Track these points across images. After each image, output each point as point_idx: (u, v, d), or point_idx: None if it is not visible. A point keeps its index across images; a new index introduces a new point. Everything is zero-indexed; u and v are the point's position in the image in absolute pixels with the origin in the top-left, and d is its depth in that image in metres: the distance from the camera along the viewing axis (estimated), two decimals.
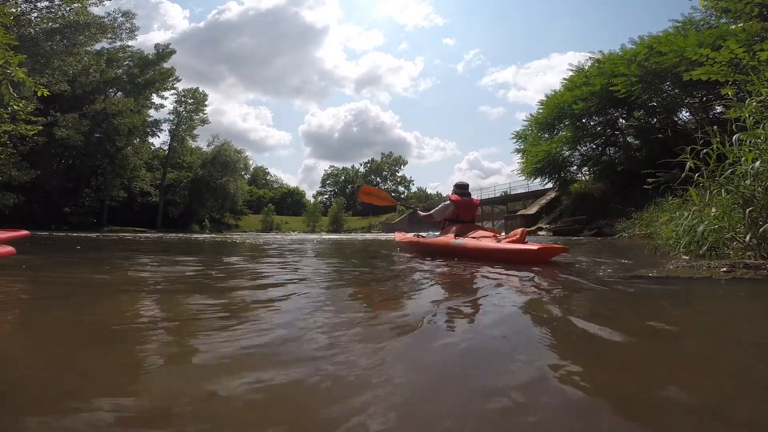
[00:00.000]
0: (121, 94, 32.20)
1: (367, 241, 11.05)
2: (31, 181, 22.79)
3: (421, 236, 4.89)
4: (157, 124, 36.02)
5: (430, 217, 4.71)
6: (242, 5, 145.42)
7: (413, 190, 69.48)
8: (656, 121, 17.34)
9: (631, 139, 19.17)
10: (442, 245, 4.03)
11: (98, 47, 28.32)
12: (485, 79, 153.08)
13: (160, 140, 38.79)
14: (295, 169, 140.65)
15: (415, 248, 4.77)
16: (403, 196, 64.77)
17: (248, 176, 55.32)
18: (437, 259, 3.75)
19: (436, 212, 4.63)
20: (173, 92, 36.91)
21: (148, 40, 56.66)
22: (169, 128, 38.25)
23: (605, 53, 17.68)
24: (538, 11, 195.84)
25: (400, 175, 72.20)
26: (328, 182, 75.40)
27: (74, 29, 22.75)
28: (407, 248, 5.09)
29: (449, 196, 4.58)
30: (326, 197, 71.56)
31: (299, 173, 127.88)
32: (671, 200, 5.36)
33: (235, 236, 17.09)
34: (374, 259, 4.41)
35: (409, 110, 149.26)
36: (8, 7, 8.66)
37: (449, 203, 4.50)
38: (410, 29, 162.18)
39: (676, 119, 17.02)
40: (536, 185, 24.19)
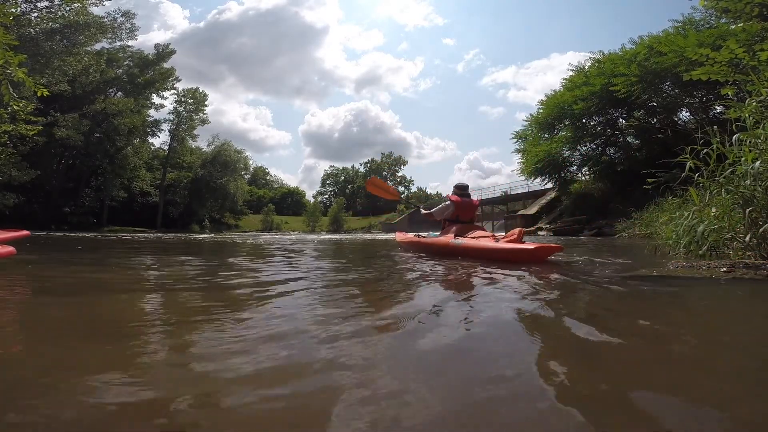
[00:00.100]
0: (121, 94, 32.22)
1: (367, 241, 11.05)
2: (31, 181, 22.80)
3: (421, 236, 5.00)
4: (157, 124, 36.10)
5: (430, 215, 4.82)
6: (242, 5, 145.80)
7: (413, 190, 69.63)
8: (656, 121, 17.35)
9: (631, 139, 19.17)
10: (442, 245, 4.13)
11: (98, 47, 28.39)
12: (485, 79, 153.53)
13: (160, 140, 38.94)
14: (295, 169, 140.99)
15: (415, 248, 4.87)
16: (403, 196, 64.75)
17: (248, 176, 55.38)
18: (437, 258, 3.82)
19: (436, 211, 4.74)
20: (173, 92, 37.06)
21: (148, 40, 56.81)
22: (169, 128, 38.35)
23: (605, 53, 17.71)
24: (538, 11, 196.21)
25: (400, 175, 72.42)
26: (328, 182, 75.51)
27: (74, 29, 22.77)
28: (408, 248, 5.19)
29: (449, 196, 4.66)
30: (326, 197, 71.70)
31: (299, 173, 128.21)
32: (671, 200, 5.35)
33: (234, 236, 17.10)
34: (375, 258, 4.41)
35: (409, 110, 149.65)
36: (8, 7, 8.66)
37: (449, 203, 4.58)
38: (410, 29, 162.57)
39: (676, 119, 17.03)
40: (536, 185, 24.24)
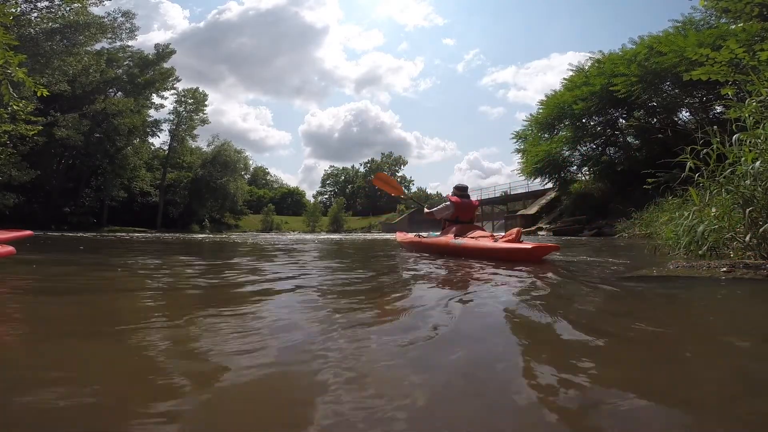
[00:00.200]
0: (121, 94, 32.20)
1: (367, 241, 11.05)
2: (31, 181, 22.78)
3: (421, 236, 5.08)
4: (157, 124, 36.05)
5: (431, 214, 4.95)
6: (242, 5, 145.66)
7: (413, 190, 69.54)
8: (656, 121, 17.35)
9: (631, 139, 19.18)
10: (442, 245, 4.21)
11: (98, 47, 28.34)
12: (485, 79, 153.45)
13: (160, 140, 38.88)
14: (295, 169, 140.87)
15: (416, 248, 4.95)
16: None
17: (248, 176, 55.35)
18: (438, 257, 3.88)
19: (437, 211, 4.87)
20: (173, 92, 36.98)
21: (148, 40, 56.76)
22: (169, 128, 38.31)
23: (605, 53, 17.72)
24: (538, 11, 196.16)
25: (400, 175, 72.31)
26: (328, 182, 75.50)
27: (74, 29, 22.75)
28: (409, 248, 5.25)
29: (449, 197, 4.74)
30: (326, 197, 71.66)
31: (299, 173, 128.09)
32: (671, 200, 5.35)
33: (233, 236, 17.07)
34: (375, 258, 4.42)
35: (409, 110, 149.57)
36: (8, 7, 8.66)
37: (449, 204, 4.67)
38: (410, 29, 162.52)
39: (676, 119, 17.04)
40: (536, 185, 24.25)
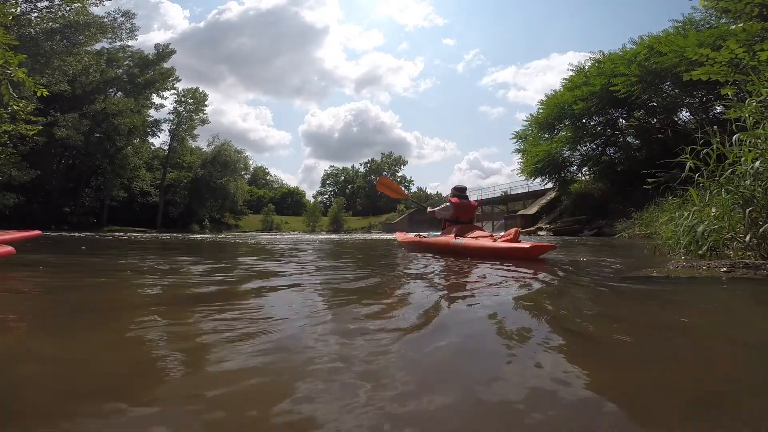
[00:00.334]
0: (121, 94, 32.24)
1: (368, 241, 11.04)
2: (31, 181, 22.81)
3: (422, 236, 5.17)
4: (157, 124, 36.11)
5: (433, 213, 5.10)
6: (242, 5, 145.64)
7: (413, 190, 69.52)
8: (656, 121, 17.36)
9: (631, 139, 19.19)
10: (443, 244, 4.30)
11: (98, 47, 28.42)
12: (485, 79, 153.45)
13: (160, 140, 38.95)
14: (295, 169, 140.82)
15: (417, 247, 5.02)
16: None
17: (248, 176, 55.38)
18: (439, 257, 3.94)
19: (438, 211, 5.01)
20: (173, 92, 37.07)
21: (148, 40, 56.83)
22: (169, 128, 38.35)
23: (605, 53, 17.72)
24: (538, 11, 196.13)
25: (400, 175, 72.33)
26: (328, 182, 75.49)
27: (74, 29, 22.78)
28: (410, 247, 5.32)
29: (449, 198, 4.90)
30: (326, 197, 71.66)
31: (299, 173, 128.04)
32: (671, 200, 5.36)
33: (231, 236, 17.06)
34: (376, 257, 4.43)
35: (409, 110, 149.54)
36: (8, 7, 8.66)
37: (449, 205, 4.84)
38: (410, 29, 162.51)
39: (676, 119, 17.04)
40: (536, 185, 24.25)
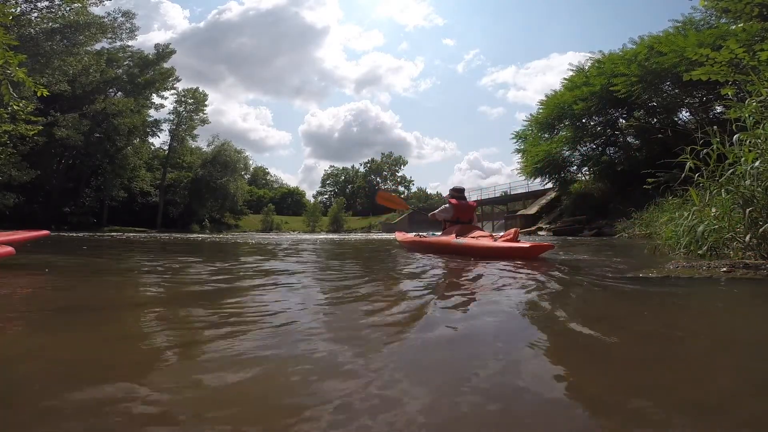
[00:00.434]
0: (121, 94, 32.23)
1: (368, 240, 11.04)
2: (31, 181, 22.80)
3: (422, 236, 5.24)
4: (157, 124, 36.12)
5: (434, 216, 5.25)
6: (242, 5, 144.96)
7: (413, 190, 69.53)
8: (656, 121, 17.33)
9: (631, 139, 19.17)
10: (444, 244, 4.38)
11: (98, 47, 28.42)
12: (485, 79, 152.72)
13: (160, 140, 38.92)
14: (295, 169, 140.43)
15: (418, 247, 5.07)
16: (402, 196, 64.82)
17: (248, 176, 55.31)
18: (440, 256, 4.00)
19: (438, 213, 5.15)
20: (173, 92, 37.05)
21: (148, 40, 56.76)
22: (169, 128, 38.33)
23: (605, 53, 17.69)
24: (538, 11, 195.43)
25: (400, 175, 72.27)
26: (328, 182, 75.40)
27: (74, 29, 22.78)
28: (410, 247, 5.36)
29: (449, 199, 5.09)
30: (326, 197, 71.56)
31: (299, 173, 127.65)
32: (671, 200, 5.35)
33: (230, 236, 17.07)
34: (378, 257, 4.43)
35: (409, 110, 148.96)
36: (8, 7, 8.66)
37: (448, 207, 5.01)
38: (410, 29, 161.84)
39: (676, 119, 17.01)
40: (536, 185, 24.23)
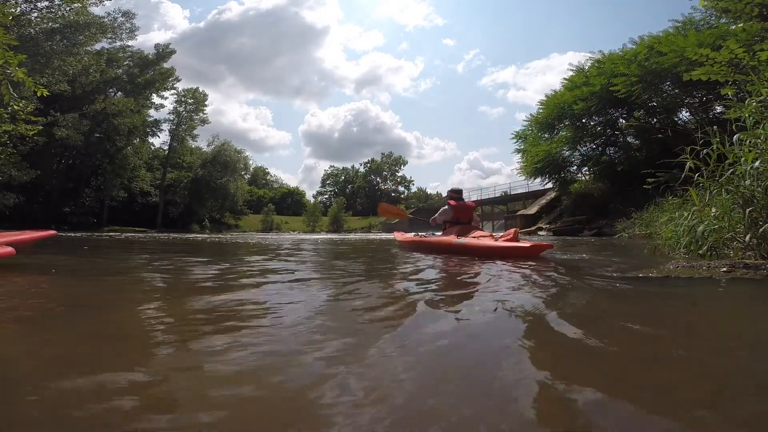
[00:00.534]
0: (121, 94, 32.23)
1: (369, 240, 11.04)
2: (31, 181, 22.81)
3: (421, 236, 5.30)
4: (157, 124, 36.10)
5: (435, 220, 5.35)
6: (242, 5, 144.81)
7: (413, 190, 69.50)
8: (656, 121, 17.33)
9: (631, 139, 19.17)
10: (446, 244, 4.44)
11: (98, 47, 28.40)
12: (485, 79, 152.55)
13: (160, 140, 38.89)
14: (295, 169, 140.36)
15: (419, 247, 5.12)
16: (402, 196, 64.86)
17: (248, 176, 55.29)
18: (442, 255, 4.06)
19: (438, 216, 5.24)
20: (173, 92, 37.02)
21: (148, 40, 56.75)
22: (169, 128, 38.30)
23: (605, 53, 17.69)
24: (538, 11, 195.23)
25: (400, 175, 72.24)
26: (328, 182, 75.41)
27: (74, 29, 22.77)
28: (411, 247, 5.40)
29: (448, 201, 5.20)
30: (326, 197, 71.54)
31: (299, 173, 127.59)
32: (671, 200, 5.35)
33: (229, 236, 17.07)
34: (379, 256, 4.43)
35: (409, 110, 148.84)
36: (8, 7, 8.66)
37: (448, 208, 5.11)
38: (410, 29, 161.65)
39: (676, 119, 17.01)
40: (536, 185, 24.23)
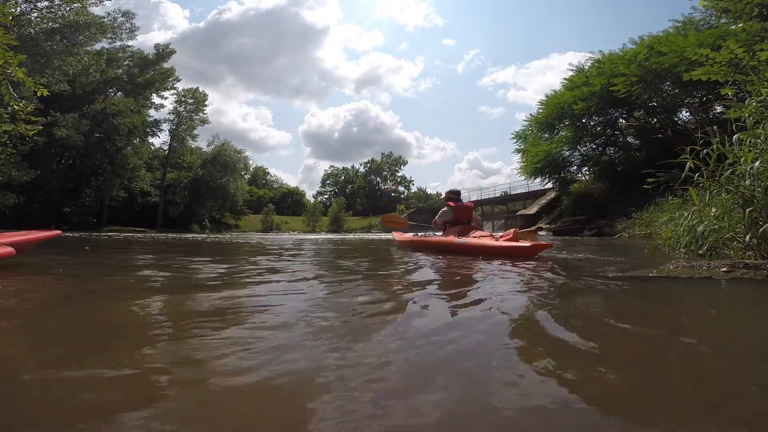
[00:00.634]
0: (121, 94, 32.23)
1: (369, 240, 11.04)
2: (31, 181, 22.80)
3: (421, 235, 5.37)
4: (157, 124, 36.11)
5: (436, 223, 5.46)
6: (242, 5, 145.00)
7: (413, 190, 69.42)
8: (656, 121, 17.32)
9: (631, 139, 19.16)
10: (447, 243, 4.51)
11: (98, 47, 28.43)
12: (485, 79, 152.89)
13: (160, 140, 38.91)
14: (295, 169, 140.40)
15: (419, 246, 5.17)
16: (402, 196, 64.88)
17: (248, 176, 55.26)
18: (444, 255, 4.12)
19: (438, 218, 5.36)
20: (173, 92, 37.03)
21: (148, 40, 56.86)
22: (169, 128, 38.30)
23: (605, 53, 17.68)
24: (538, 11, 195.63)
25: (400, 175, 72.19)
26: (328, 182, 75.39)
27: (74, 29, 22.78)
28: (410, 247, 5.43)
29: (447, 202, 5.33)
30: (326, 197, 71.52)
31: (299, 173, 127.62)
32: (671, 200, 5.35)
33: (228, 236, 17.06)
34: (381, 256, 4.43)
35: (409, 110, 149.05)
36: (8, 7, 8.65)
37: (448, 209, 5.23)
38: (410, 29, 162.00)
39: (676, 119, 17.00)
40: (536, 185, 24.23)
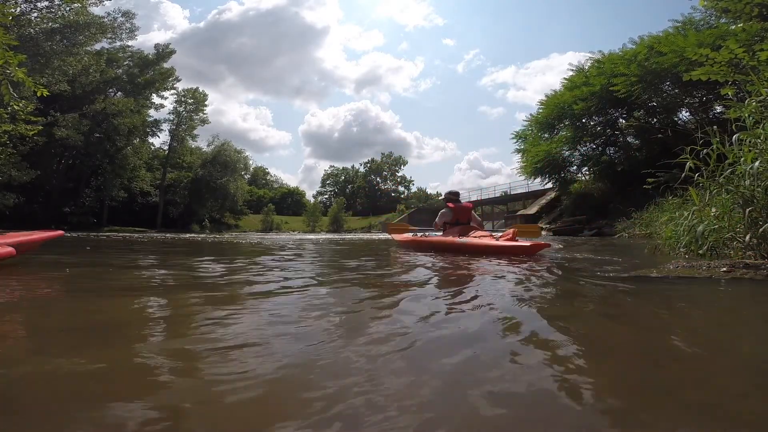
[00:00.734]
0: (121, 94, 32.23)
1: (369, 240, 11.03)
2: (31, 181, 22.79)
3: (420, 235, 5.42)
4: (157, 124, 36.08)
5: (437, 225, 5.54)
6: (242, 5, 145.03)
7: (413, 190, 69.33)
8: (656, 121, 17.32)
9: (631, 139, 19.16)
10: (448, 243, 4.57)
11: (98, 47, 28.42)
12: (485, 79, 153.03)
13: (160, 140, 38.91)
14: (295, 169, 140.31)
15: (419, 246, 5.18)
16: (402, 196, 64.88)
17: (248, 176, 55.22)
18: (444, 254, 4.17)
19: (439, 220, 5.45)
20: (173, 92, 36.99)
21: (148, 40, 56.89)
22: (169, 128, 38.27)
23: (605, 53, 17.68)
24: (538, 11, 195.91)
25: (400, 175, 72.11)
26: (328, 182, 75.29)
27: (74, 29, 22.78)
28: (410, 246, 5.43)
29: (446, 203, 5.44)
30: (326, 197, 71.44)
31: (299, 173, 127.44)
32: (671, 200, 5.36)
33: (227, 236, 17.06)
34: (382, 255, 4.42)
35: (409, 110, 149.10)
36: (8, 7, 8.65)
37: (447, 210, 5.33)
38: (410, 29, 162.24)
39: (676, 119, 17.00)
40: (536, 185, 24.24)
